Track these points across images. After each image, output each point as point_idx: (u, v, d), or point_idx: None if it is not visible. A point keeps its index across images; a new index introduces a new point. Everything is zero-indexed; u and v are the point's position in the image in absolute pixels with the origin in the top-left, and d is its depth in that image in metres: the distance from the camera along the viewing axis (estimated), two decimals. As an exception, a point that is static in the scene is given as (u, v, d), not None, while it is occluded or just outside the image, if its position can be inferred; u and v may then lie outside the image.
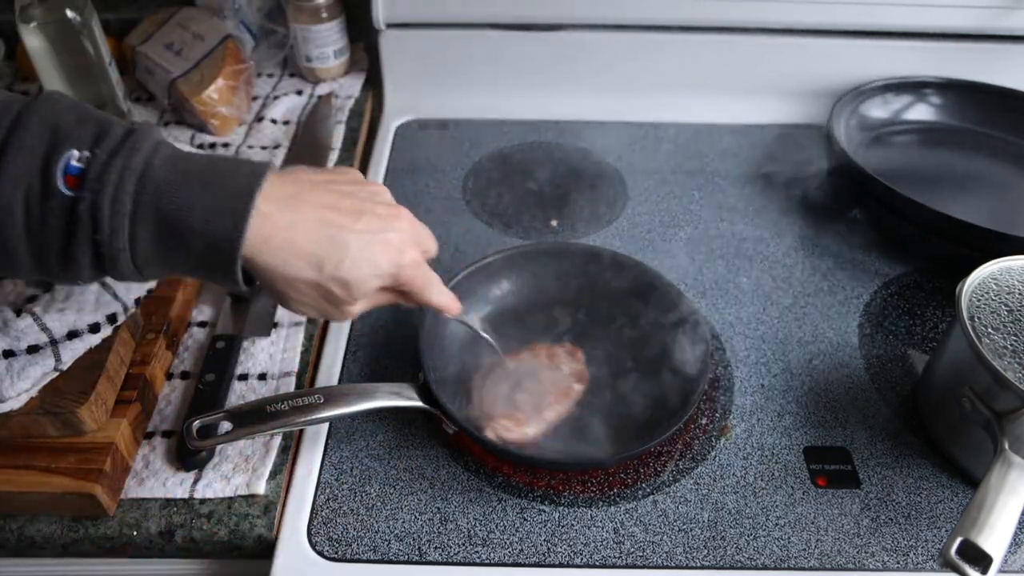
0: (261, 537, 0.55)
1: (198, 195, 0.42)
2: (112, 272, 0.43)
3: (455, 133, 0.96)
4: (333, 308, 0.49)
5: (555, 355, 0.65)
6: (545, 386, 0.61)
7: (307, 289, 0.47)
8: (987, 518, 0.46)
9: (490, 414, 0.59)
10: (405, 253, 0.49)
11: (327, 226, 0.46)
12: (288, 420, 0.53)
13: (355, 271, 0.47)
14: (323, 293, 0.47)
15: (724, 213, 0.85)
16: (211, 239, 0.42)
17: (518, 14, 0.94)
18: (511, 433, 0.58)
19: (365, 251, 0.47)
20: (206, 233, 0.42)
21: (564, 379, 0.63)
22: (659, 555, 0.54)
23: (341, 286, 0.47)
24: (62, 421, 0.53)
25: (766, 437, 0.62)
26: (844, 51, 0.95)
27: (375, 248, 0.48)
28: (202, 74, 0.90)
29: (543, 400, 0.61)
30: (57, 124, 0.41)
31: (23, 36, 0.81)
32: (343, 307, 0.49)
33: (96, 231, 0.41)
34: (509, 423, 0.58)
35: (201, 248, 0.43)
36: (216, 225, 0.42)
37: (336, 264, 0.46)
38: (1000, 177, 0.87)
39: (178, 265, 0.44)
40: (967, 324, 0.55)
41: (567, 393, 0.62)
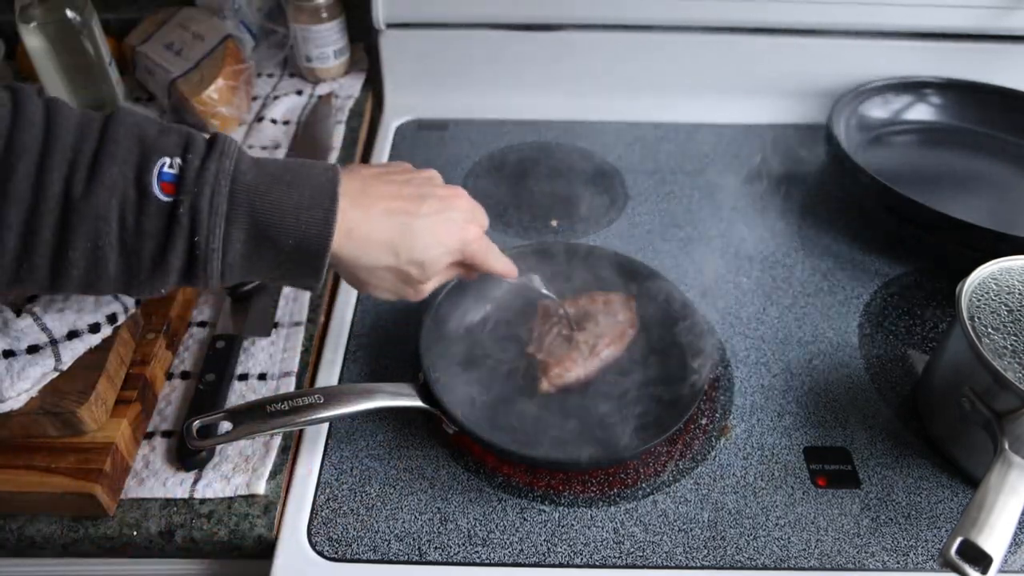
0: (261, 537, 0.55)
1: (287, 194, 0.45)
2: (199, 276, 0.44)
3: (455, 133, 0.96)
4: (410, 288, 0.53)
5: (611, 301, 0.67)
6: (603, 329, 0.64)
7: (386, 274, 0.51)
8: (987, 518, 0.46)
9: (546, 362, 0.62)
10: (468, 229, 0.53)
11: (396, 214, 0.50)
12: (288, 420, 0.53)
13: (428, 252, 0.51)
14: (401, 276, 0.51)
15: (724, 213, 0.85)
16: (302, 236, 0.45)
17: (518, 14, 0.94)
18: (564, 378, 0.61)
19: (433, 233, 0.51)
20: (297, 231, 0.45)
21: (619, 323, 0.65)
22: (659, 555, 0.54)
23: (417, 267, 0.51)
24: (62, 421, 0.53)
25: (766, 437, 0.62)
26: (844, 51, 0.95)
27: (441, 228, 0.51)
28: (202, 74, 0.90)
29: (600, 340, 0.63)
30: (143, 135, 0.43)
31: (23, 36, 0.81)
32: (418, 286, 0.53)
33: (195, 233, 0.43)
34: (561, 369, 0.61)
35: (292, 246, 0.45)
36: (307, 222, 0.45)
37: (410, 248, 0.50)
38: (1000, 177, 0.87)
39: (264, 264, 0.46)
40: (967, 324, 0.55)
41: (621, 336, 0.65)
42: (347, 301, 0.73)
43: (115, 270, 0.43)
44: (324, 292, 0.73)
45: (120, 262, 0.43)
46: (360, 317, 0.72)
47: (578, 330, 0.64)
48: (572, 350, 0.63)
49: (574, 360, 0.62)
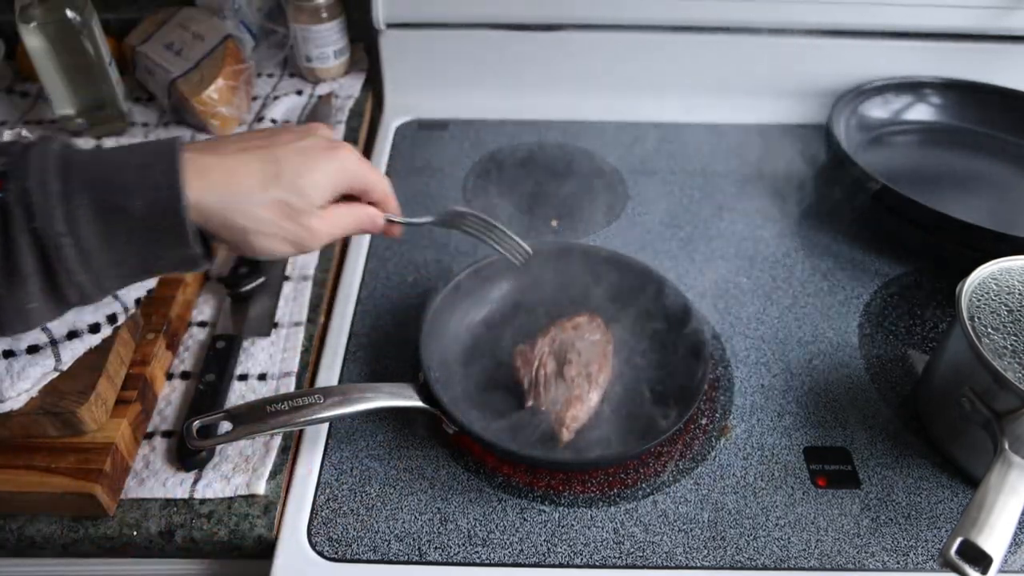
0: (261, 537, 0.55)
1: (125, 157, 0.42)
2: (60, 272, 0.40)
3: (455, 133, 0.96)
4: (298, 227, 0.47)
5: (579, 325, 0.65)
6: (587, 356, 0.62)
7: (265, 213, 0.45)
8: (987, 518, 0.46)
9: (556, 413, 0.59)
10: (338, 148, 0.49)
11: (253, 150, 0.46)
12: (288, 420, 0.53)
13: (302, 174, 0.46)
14: (283, 211, 0.46)
15: (724, 213, 0.85)
16: (151, 193, 0.41)
17: (518, 14, 0.94)
18: (579, 420, 0.59)
19: (301, 155, 0.47)
20: (143, 188, 0.41)
21: (598, 344, 0.64)
22: (659, 555, 0.54)
23: (295, 193, 0.46)
24: (62, 421, 0.53)
25: (766, 437, 0.62)
26: (844, 51, 0.95)
27: (308, 151, 0.47)
28: (202, 74, 0.90)
29: (591, 369, 0.61)
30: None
31: (23, 36, 0.81)
32: (306, 220, 0.47)
33: (31, 219, 0.39)
34: (574, 412, 0.59)
35: (143, 209, 0.41)
36: (151, 178, 0.41)
37: (277, 175, 0.45)
38: (1000, 177, 0.87)
39: (123, 241, 0.42)
40: (967, 324, 0.55)
41: (606, 355, 0.63)
42: (347, 301, 0.73)
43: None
44: (324, 292, 0.73)
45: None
46: (360, 317, 0.72)
47: (565, 364, 0.62)
48: (573, 389, 0.60)
49: (580, 398, 0.60)
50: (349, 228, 0.51)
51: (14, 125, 0.93)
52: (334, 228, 0.50)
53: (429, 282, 0.75)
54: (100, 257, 0.42)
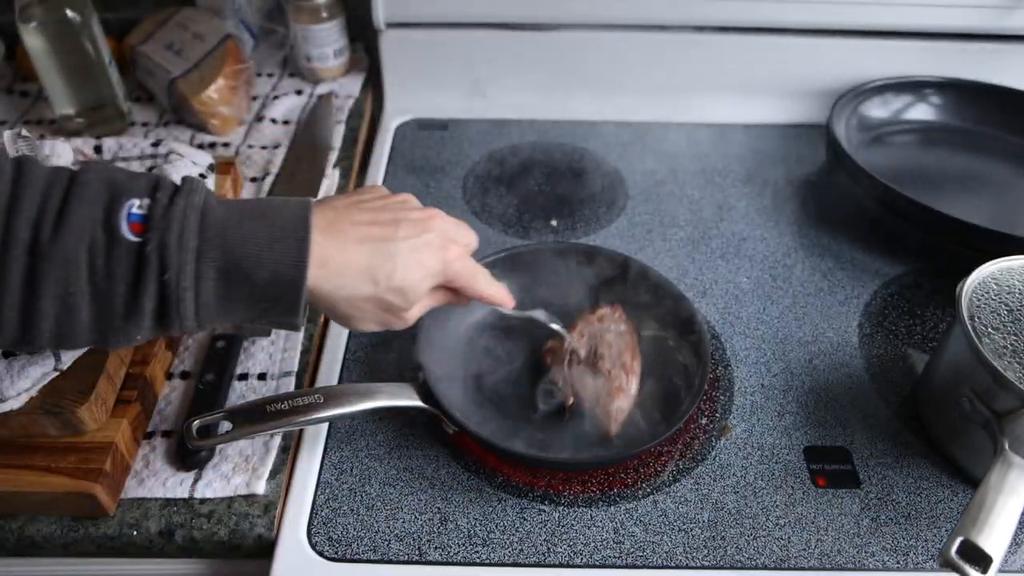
0: (261, 537, 0.55)
1: (258, 227, 0.44)
2: (173, 318, 0.43)
3: (455, 133, 0.96)
4: (393, 317, 0.51)
5: (603, 317, 0.65)
6: (617, 346, 0.63)
7: (367, 305, 0.49)
8: (987, 518, 0.46)
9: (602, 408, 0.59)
10: (448, 249, 0.51)
11: (372, 241, 0.48)
12: (288, 420, 0.53)
13: (407, 277, 0.49)
14: (382, 305, 0.49)
15: (724, 213, 0.85)
16: (276, 269, 0.44)
17: (518, 14, 0.94)
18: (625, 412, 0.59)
19: (411, 256, 0.49)
20: (271, 262, 0.43)
21: (624, 335, 0.64)
22: (659, 555, 0.54)
23: (397, 294, 0.49)
24: (62, 421, 0.53)
25: (766, 437, 0.62)
26: (844, 51, 0.95)
27: (419, 252, 0.50)
28: (202, 74, 0.90)
29: (625, 358, 0.62)
30: (112, 179, 0.43)
31: (23, 36, 0.81)
32: (402, 314, 0.51)
33: (164, 271, 0.41)
34: (618, 404, 0.59)
35: (266, 279, 0.44)
36: (280, 253, 0.44)
37: (388, 275, 0.48)
38: (1000, 177, 0.87)
39: (240, 303, 0.45)
40: (967, 324, 0.55)
41: (635, 344, 0.63)
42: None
43: (87, 318, 0.42)
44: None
45: (92, 309, 0.42)
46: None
47: (598, 358, 0.62)
48: (611, 381, 0.60)
49: (621, 388, 0.60)
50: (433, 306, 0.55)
51: (14, 125, 0.93)
52: (423, 311, 0.54)
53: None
54: (214, 309, 0.44)
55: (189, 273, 0.42)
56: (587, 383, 0.61)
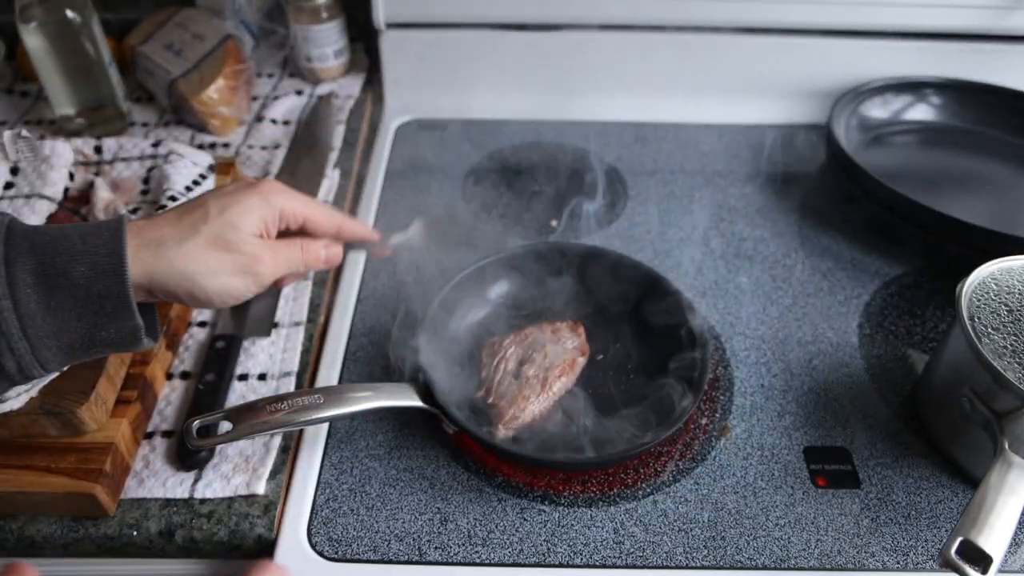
0: (261, 537, 0.55)
1: (68, 229, 0.43)
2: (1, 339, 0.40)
3: (455, 133, 0.96)
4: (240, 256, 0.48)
5: (558, 330, 0.66)
6: (551, 359, 0.63)
7: (202, 253, 0.47)
8: (987, 518, 0.46)
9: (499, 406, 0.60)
10: (260, 184, 0.51)
11: (182, 209, 0.48)
12: (288, 420, 0.53)
13: (226, 210, 0.48)
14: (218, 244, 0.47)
15: (724, 213, 0.85)
16: (93, 257, 0.42)
17: (518, 14, 0.94)
18: (519, 420, 0.59)
19: (224, 196, 0.49)
20: (86, 251, 0.41)
21: (568, 352, 0.64)
22: (659, 555, 0.54)
23: (225, 226, 0.47)
24: (62, 421, 0.53)
25: (766, 437, 0.62)
26: (844, 51, 0.95)
27: (229, 192, 0.49)
28: (202, 74, 0.90)
29: (550, 373, 0.62)
30: None
31: (23, 36, 0.81)
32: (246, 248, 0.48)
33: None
34: (516, 410, 0.59)
35: (86, 272, 0.41)
36: (93, 241, 0.42)
37: (205, 216, 0.47)
38: (1000, 177, 0.87)
39: (66, 310, 0.42)
40: (967, 324, 0.55)
41: (571, 365, 0.63)
42: (347, 301, 0.73)
43: None
44: (324, 292, 0.73)
45: None
46: (360, 317, 0.72)
47: (527, 363, 0.62)
48: (523, 387, 0.60)
49: (526, 398, 0.60)
50: (293, 260, 0.52)
51: (14, 125, 0.93)
52: (277, 258, 0.51)
53: (429, 282, 0.75)
54: (40, 323, 0.41)
55: (1, 280, 0.40)
56: (503, 383, 0.61)
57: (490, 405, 0.60)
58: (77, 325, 0.43)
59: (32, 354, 0.41)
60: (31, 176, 0.69)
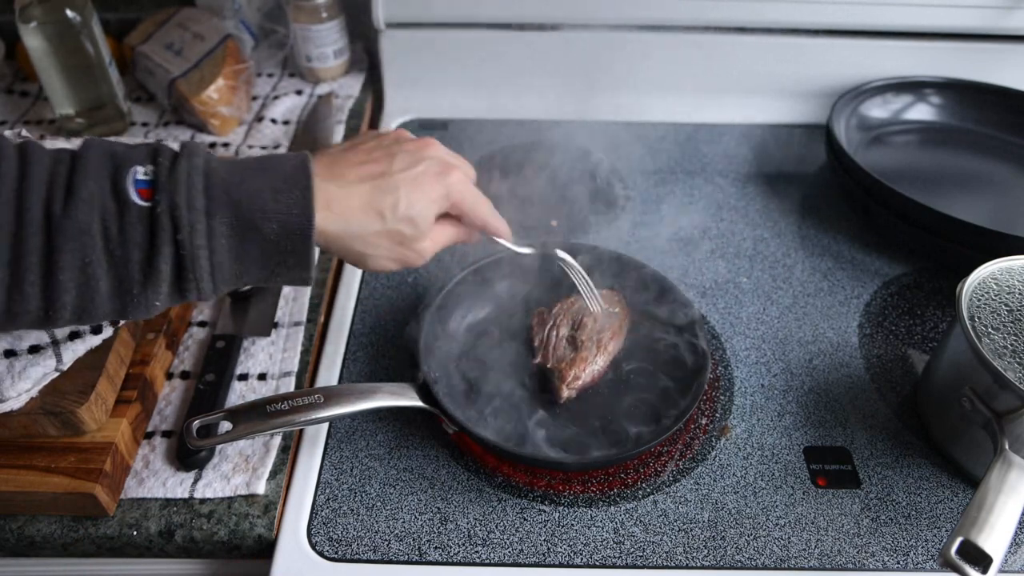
0: (261, 537, 0.55)
1: (262, 180, 0.45)
2: (190, 280, 0.44)
3: (455, 133, 0.96)
4: (408, 251, 0.52)
5: (602, 296, 0.66)
6: (602, 324, 0.65)
7: (379, 240, 0.50)
8: (987, 518, 0.46)
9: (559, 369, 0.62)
10: (448, 173, 0.52)
11: (371, 179, 0.50)
12: (288, 420, 0.53)
13: (413, 205, 0.50)
14: (394, 238, 0.50)
15: (724, 213, 0.85)
16: (285, 219, 0.45)
17: (518, 14, 0.94)
18: (581, 380, 0.61)
19: (412, 185, 0.50)
20: (279, 213, 0.44)
21: (615, 316, 0.66)
22: (659, 555, 0.54)
23: (407, 224, 0.50)
24: (62, 421, 0.53)
25: (766, 437, 0.62)
26: (844, 51, 0.95)
27: (419, 179, 0.51)
28: (202, 74, 0.90)
29: (603, 335, 0.64)
30: (113, 150, 0.44)
31: (23, 36, 0.81)
32: (416, 245, 0.52)
33: (176, 231, 0.42)
34: (577, 371, 0.61)
35: (276, 231, 0.45)
36: (286, 203, 0.45)
37: (393, 207, 0.49)
38: (1000, 177, 0.87)
39: (253, 258, 0.46)
40: (967, 324, 0.55)
41: (621, 327, 0.65)
42: (347, 301, 0.73)
43: (106, 288, 0.43)
44: (324, 292, 0.73)
45: (110, 278, 0.43)
46: (360, 317, 0.72)
47: (579, 328, 0.64)
48: (581, 351, 0.62)
49: (585, 360, 0.62)
50: (449, 242, 0.56)
51: (14, 125, 0.93)
52: (436, 245, 0.54)
53: (429, 282, 0.75)
54: (228, 268, 0.45)
55: (201, 231, 0.43)
56: (559, 347, 0.63)
57: (550, 369, 0.62)
58: (259, 272, 0.47)
59: (213, 289, 0.45)
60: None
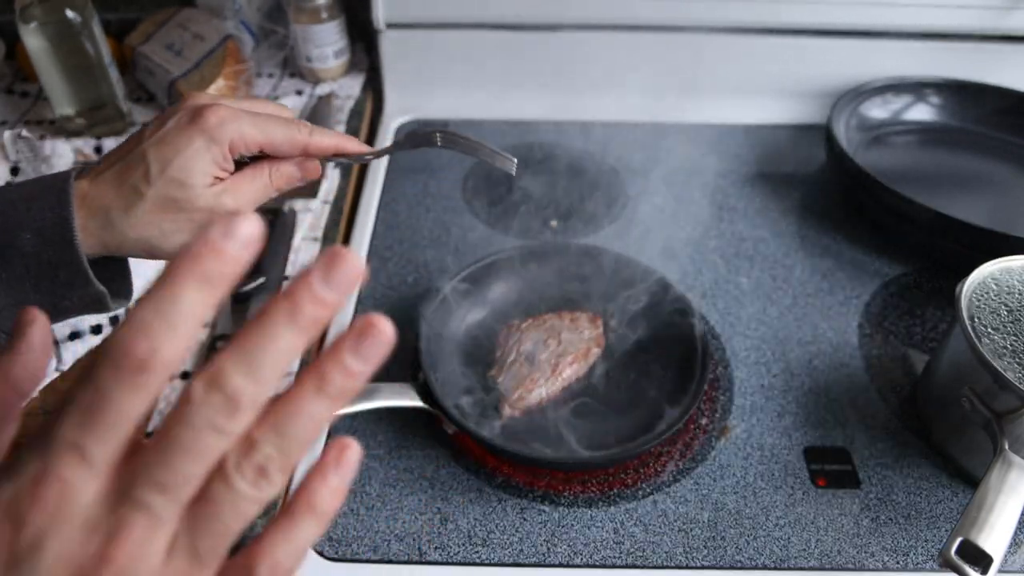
0: (261, 537, 0.55)
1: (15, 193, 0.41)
2: None
3: (455, 133, 0.96)
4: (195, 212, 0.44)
5: (577, 319, 0.66)
6: (565, 346, 0.63)
7: (152, 217, 0.43)
8: (987, 518, 0.46)
9: (507, 386, 0.61)
10: (203, 115, 0.43)
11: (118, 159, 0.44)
12: (288, 420, 0.53)
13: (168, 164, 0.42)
14: (167, 207, 0.43)
15: (724, 213, 0.85)
16: (38, 224, 0.39)
17: (518, 14, 0.94)
18: (525, 401, 0.60)
19: (161, 144, 0.43)
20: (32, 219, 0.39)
21: (584, 341, 0.64)
22: (659, 555, 0.54)
23: (171, 185, 0.42)
24: (62, 421, 0.53)
25: (766, 437, 0.62)
26: (844, 51, 0.95)
27: (167, 136, 0.43)
28: (202, 74, 0.90)
29: (562, 359, 0.62)
30: None
31: (23, 36, 0.81)
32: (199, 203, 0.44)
33: None
34: (523, 391, 0.60)
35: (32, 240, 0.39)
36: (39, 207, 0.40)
37: (146, 174, 0.42)
38: (1000, 177, 0.87)
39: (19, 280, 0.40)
40: (967, 324, 0.55)
41: (585, 355, 0.64)
42: (347, 301, 0.73)
43: None
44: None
45: None
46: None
47: (541, 348, 0.63)
48: (534, 371, 0.61)
49: (535, 381, 0.61)
50: (262, 191, 0.47)
51: (14, 125, 0.93)
52: (242, 198, 0.45)
53: (429, 282, 0.75)
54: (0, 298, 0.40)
55: None
56: (517, 365, 0.62)
57: (499, 383, 0.61)
58: (35, 296, 0.41)
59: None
60: (31, 176, 0.69)
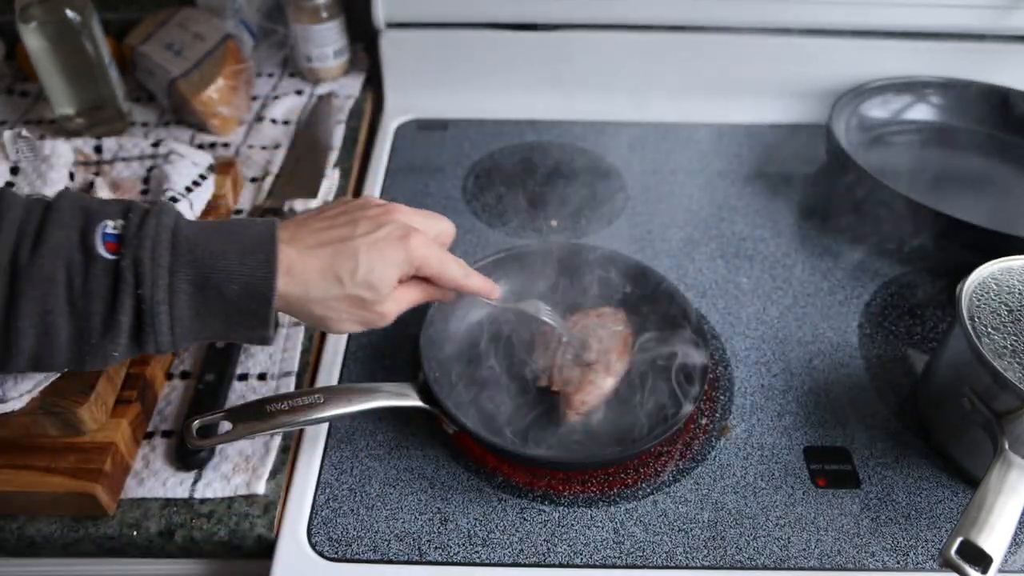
0: (261, 537, 0.55)
1: (228, 243, 0.46)
2: (148, 333, 0.45)
3: (455, 133, 0.96)
4: (370, 314, 0.52)
5: (602, 315, 0.66)
6: (607, 344, 0.63)
7: (339, 304, 0.50)
8: (987, 518, 0.46)
9: (566, 393, 0.60)
10: (409, 237, 0.51)
11: (331, 244, 0.50)
12: (288, 420, 0.53)
13: (372, 271, 0.50)
14: (354, 303, 0.50)
15: (724, 213, 0.85)
16: (246, 280, 0.45)
17: (518, 14, 0.94)
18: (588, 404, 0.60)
19: (372, 250, 0.50)
20: (241, 276, 0.45)
21: (619, 334, 0.64)
22: (659, 555, 0.54)
23: (366, 288, 0.50)
24: (62, 421, 0.53)
25: (766, 437, 0.62)
26: (844, 51, 0.95)
27: (379, 244, 0.50)
28: (202, 74, 0.90)
29: (610, 355, 0.62)
30: (87, 205, 0.46)
31: (23, 36, 0.81)
32: (377, 308, 0.51)
33: (138, 285, 0.43)
34: (583, 395, 0.60)
35: (237, 292, 0.46)
36: (250, 267, 0.46)
37: (352, 272, 0.49)
38: (1000, 177, 0.87)
39: (213, 317, 0.46)
40: (967, 324, 0.55)
41: (625, 345, 0.64)
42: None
43: (65, 336, 0.44)
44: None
45: (70, 327, 0.44)
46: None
47: (585, 349, 0.63)
48: (589, 373, 0.61)
49: (593, 383, 0.60)
50: (412, 302, 0.55)
51: (14, 125, 0.93)
52: (401, 306, 0.53)
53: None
54: (188, 325, 0.46)
55: (163, 287, 0.44)
56: (567, 370, 0.62)
57: (555, 393, 0.61)
58: (219, 328, 0.47)
59: (171, 344, 0.46)
60: (31, 176, 0.69)
